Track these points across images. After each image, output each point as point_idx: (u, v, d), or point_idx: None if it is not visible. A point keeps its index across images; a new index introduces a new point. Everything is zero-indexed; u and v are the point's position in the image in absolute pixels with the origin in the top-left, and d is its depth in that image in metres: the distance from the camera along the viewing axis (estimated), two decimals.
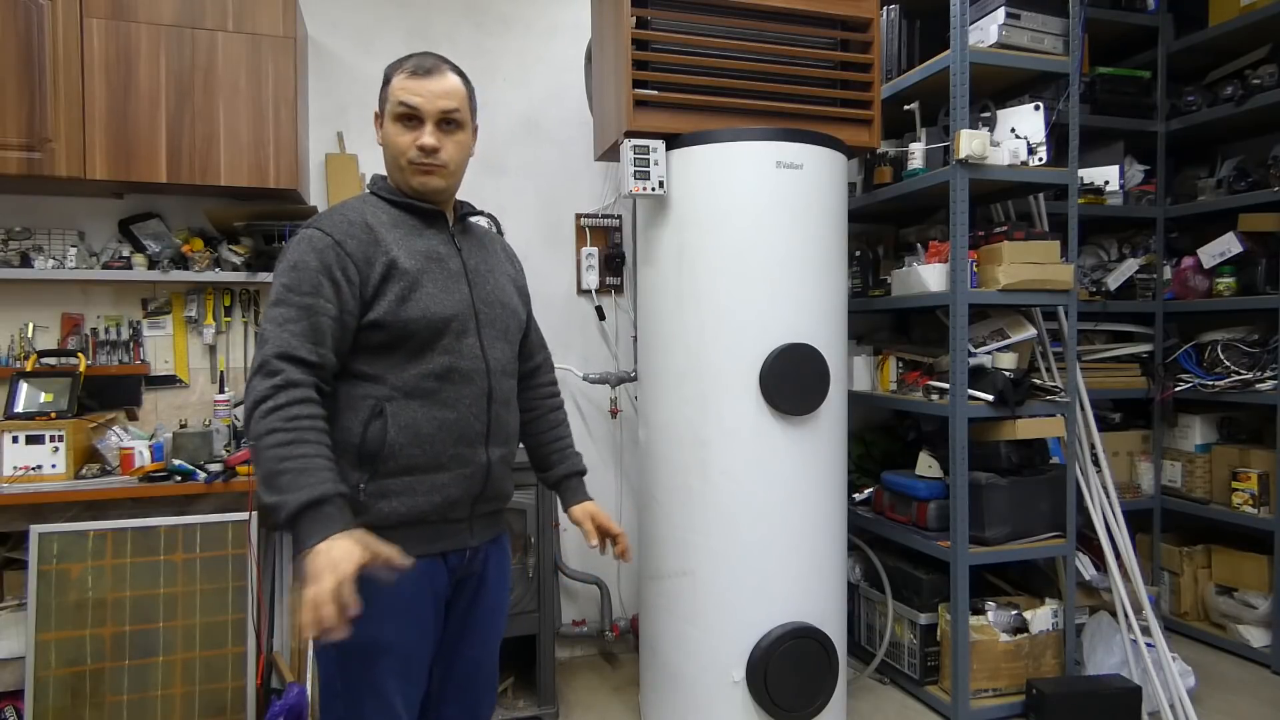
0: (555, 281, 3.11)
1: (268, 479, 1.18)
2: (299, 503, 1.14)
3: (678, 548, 2.29)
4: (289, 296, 1.27)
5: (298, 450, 1.18)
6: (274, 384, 1.21)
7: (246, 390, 1.25)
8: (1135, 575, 2.68)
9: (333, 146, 2.86)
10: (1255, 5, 2.94)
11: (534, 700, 2.61)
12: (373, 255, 1.32)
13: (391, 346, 1.34)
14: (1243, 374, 3.04)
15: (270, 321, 1.27)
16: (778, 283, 2.21)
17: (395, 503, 1.33)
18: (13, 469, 2.23)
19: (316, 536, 1.14)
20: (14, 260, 2.45)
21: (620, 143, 2.26)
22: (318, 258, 1.29)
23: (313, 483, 1.16)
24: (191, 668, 2.23)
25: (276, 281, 1.30)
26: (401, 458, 1.32)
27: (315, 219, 1.35)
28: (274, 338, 1.25)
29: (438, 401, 1.35)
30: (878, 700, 2.75)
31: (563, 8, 3.10)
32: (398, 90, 1.38)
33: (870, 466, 3.18)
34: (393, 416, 1.32)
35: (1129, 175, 3.32)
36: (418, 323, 1.33)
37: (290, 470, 1.17)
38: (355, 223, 1.34)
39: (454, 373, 1.37)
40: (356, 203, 1.40)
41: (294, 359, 1.24)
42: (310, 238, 1.31)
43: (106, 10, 2.28)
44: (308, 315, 1.27)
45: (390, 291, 1.32)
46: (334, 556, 1.11)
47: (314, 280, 1.28)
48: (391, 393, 1.33)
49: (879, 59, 2.44)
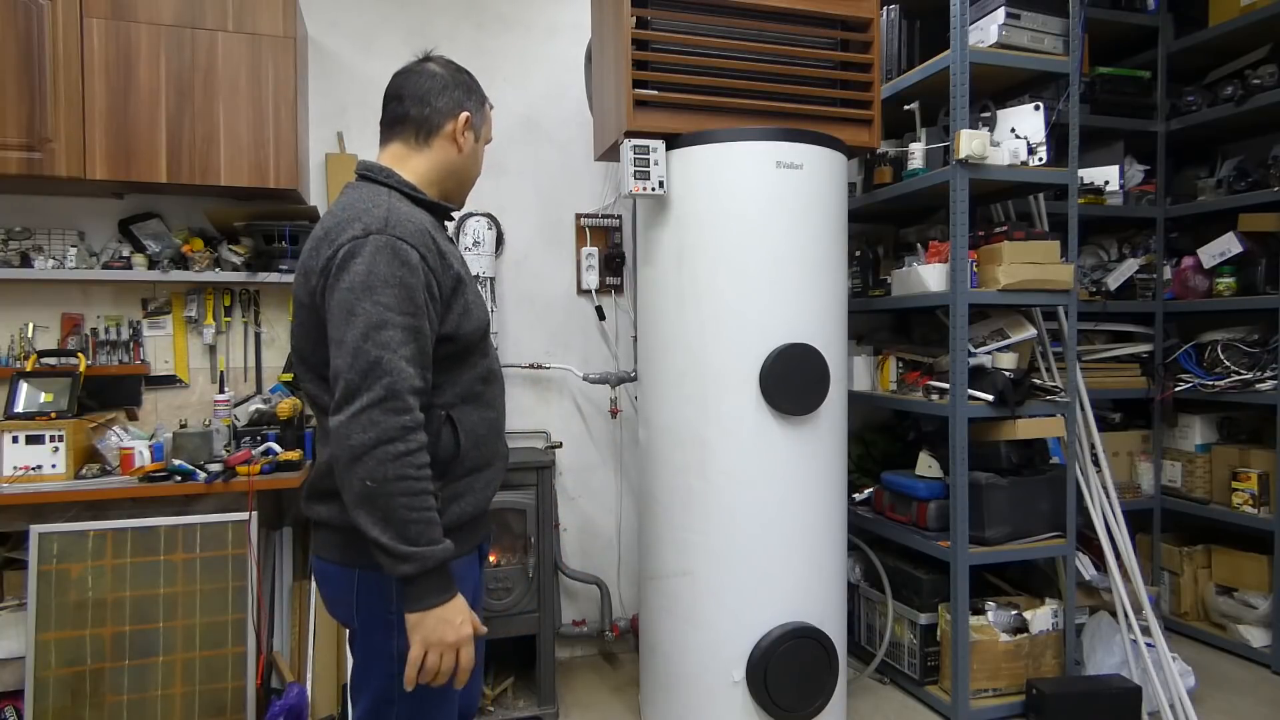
0: (555, 281, 3.11)
1: (394, 526, 1.16)
2: (437, 559, 1.19)
3: (678, 548, 2.30)
4: (394, 317, 1.19)
5: (427, 501, 1.19)
6: (403, 424, 1.17)
7: (356, 419, 1.16)
8: (1135, 575, 2.68)
9: (333, 146, 2.86)
10: (1255, 5, 2.94)
11: (534, 700, 2.61)
12: (444, 269, 1.30)
13: (453, 356, 1.33)
14: (1243, 374, 3.04)
15: (379, 346, 1.18)
16: (777, 283, 2.21)
17: (464, 504, 1.35)
18: (13, 469, 2.23)
19: (439, 597, 1.20)
20: (14, 260, 2.45)
21: (620, 143, 2.26)
22: (413, 274, 1.22)
23: (438, 538, 1.20)
24: (191, 668, 2.23)
25: (369, 297, 1.19)
26: (468, 461, 1.35)
27: (389, 226, 1.24)
28: (393, 367, 1.18)
29: (483, 403, 1.39)
30: (878, 700, 2.75)
31: (563, 8, 3.10)
32: (489, 121, 1.49)
33: (870, 466, 3.18)
34: (459, 423, 1.33)
35: (1129, 175, 3.32)
36: (475, 332, 1.35)
37: (419, 522, 1.18)
38: (425, 232, 1.28)
39: (491, 374, 1.42)
40: (405, 207, 1.32)
41: (416, 390, 1.21)
42: (397, 249, 1.22)
43: (106, 10, 2.28)
44: (415, 338, 1.22)
45: (457, 305, 1.32)
46: (457, 621, 1.21)
47: (418, 299, 1.22)
48: (452, 400, 1.34)
49: (879, 59, 2.44)
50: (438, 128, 1.39)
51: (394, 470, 1.16)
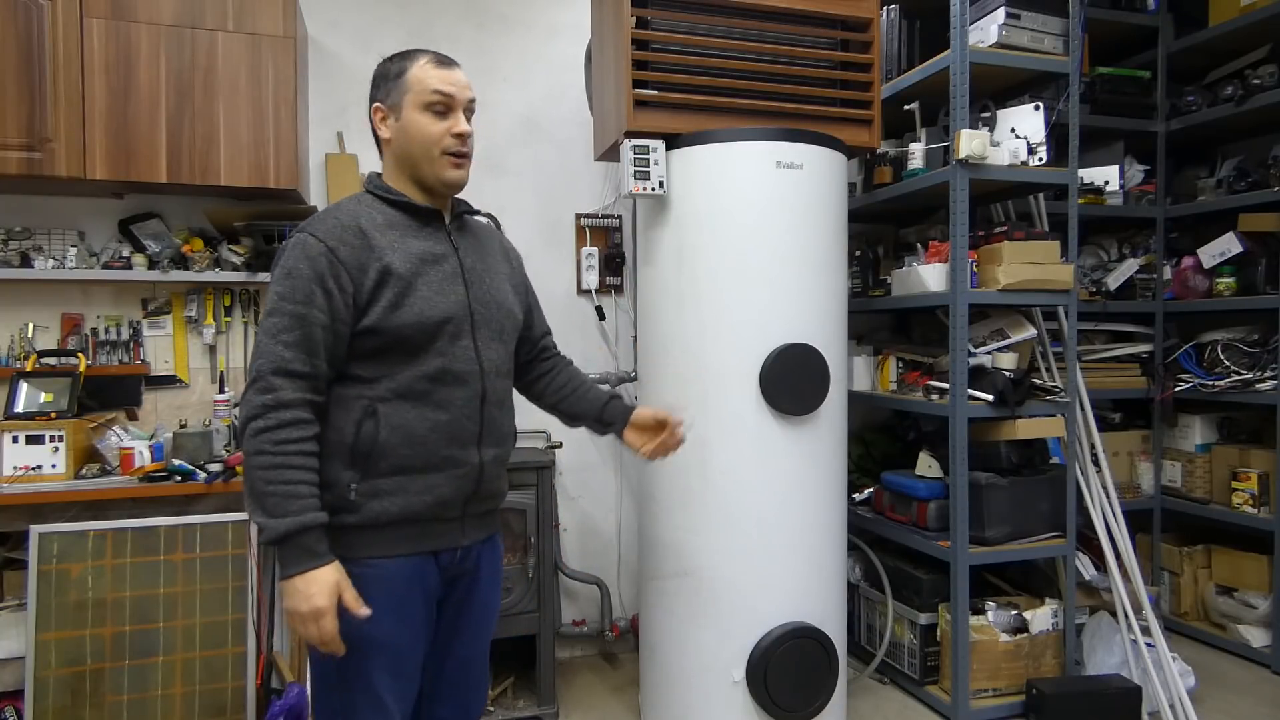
0: (555, 281, 3.11)
1: (254, 498, 1.25)
2: (282, 530, 1.22)
3: (678, 548, 2.30)
4: (282, 305, 1.28)
5: (284, 475, 1.24)
6: (264, 402, 1.25)
7: (241, 402, 1.29)
8: (1135, 575, 2.68)
9: (333, 146, 2.86)
10: (1255, 5, 2.94)
11: (534, 700, 2.61)
12: (366, 261, 1.32)
13: (385, 350, 1.34)
14: (1243, 374, 3.04)
15: (264, 332, 1.28)
16: (778, 283, 2.21)
17: (387, 502, 1.33)
18: (13, 469, 2.23)
19: (295, 568, 1.24)
20: (14, 260, 2.45)
21: (620, 143, 2.26)
22: (310, 265, 1.29)
23: (295, 510, 1.23)
24: (191, 668, 2.23)
25: (271, 288, 1.31)
26: (393, 458, 1.33)
27: (308, 222, 1.34)
28: (267, 350, 1.27)
29: (430, 403, 1.36)
30: (878, 700, 2.75)
31: (563, 8, 3.10)
32: (429, 79, 1.38)
33: (870, 466, 3.18)
34: (385, 417, 1.32)
35: (1129, 175, 3.32)
36: (411, 327, 1.33)
37: (275, 494, 1.23)
38: (349, 227, 1.33)
39: (447, 374, 1.37)
40: (351, 204, 1.39)
41: (287, 372, 1.26)
42: (303, 244, 1.30)
43: (106, 10, 2.28)
44: (301, 325, 1.27)
45: (383, 298, 1.32)
46: (309, 592, 1.23)
47: (307, 289, 1.28)
48: (384, 394, 1.33)
49: (879, 59, 2.44)
50: (374, 131, 1.45)
51: (253, 445, 1.24)
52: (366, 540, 1.32)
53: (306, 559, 1.24)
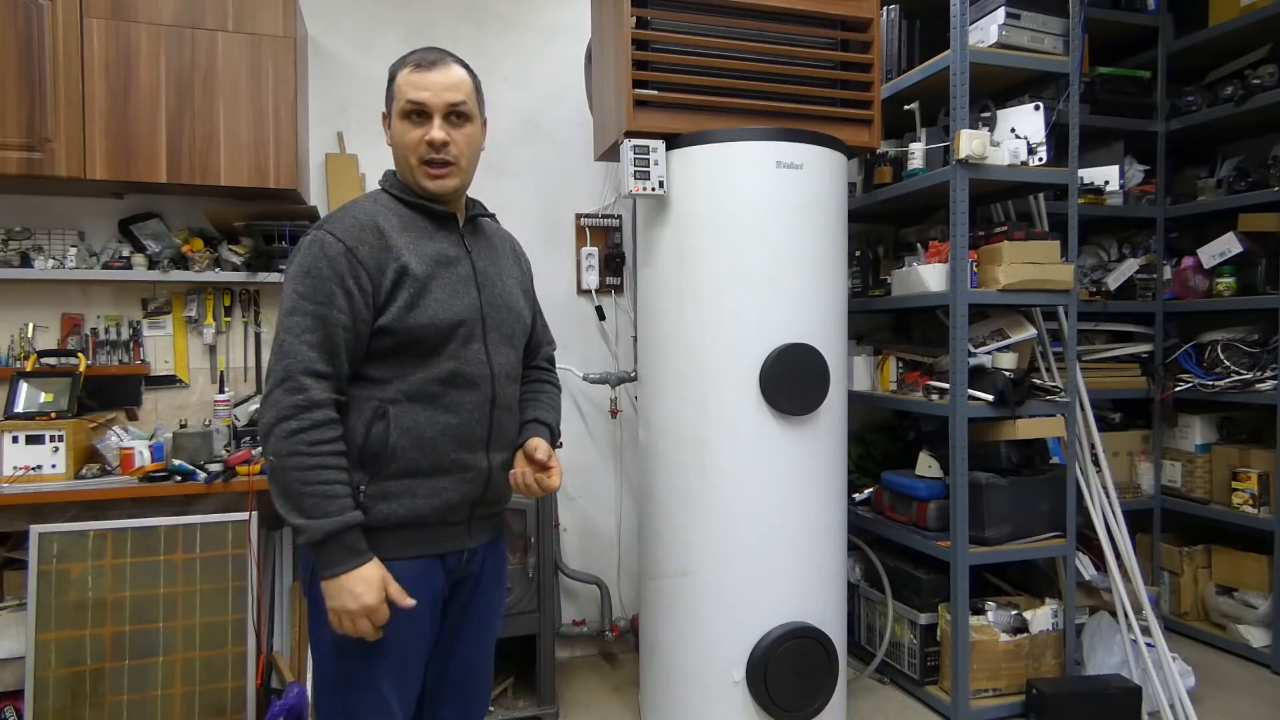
0: (555, 281, 3.11)
1: (290, 499, 1.24)
2: (325, 531, 1.23)
3: (678, 548, 2.29)
4: (303, 304, 1.27)
5: (321, 475, 1.24)
6: (296, 402, 1.25)
7: (265, 401, 1.27)
8: (1135, 575, 2.68)
9: (333, 146, 2.86)
10: (1255, 5, 2.94)
11: (534, 700, 2.61)
12: (384, 261, 1.32)
13: (398, 351, 1.34)
14: (1243, 374, 3.04)
15: (287, 331, 1.27)
16: (778, 283, 2.21)
17: (395, 505, 1.33)
18: (13, 469, 2.23)
19: (340, 567, 1.25)
20: (14, 260, 2.45)
21: (620, 143, 2.26)
22: (330, 265, 1.28)
23: (335, 510, 1.24)
24: (191, 668, 2.23)
25: (289, 286, 1.29)
26: (403, 460, 1.33)
27: (327, 220, 1.33)
28: (293, 350, 1.26)
29: (441, 406, 1.36)
30: (878, 700, 2.75)
31: (563, 8, 3.10)
32: (403, 86, 1.36)
33: (870, 466, 3.18)
34: (395, 419, 1.32)
35: (1129, 175, 3.32)
36: (425, 328, 1.33)
37: (314, 495, 1.23)
38: (366, 226, 1.33)
39: (458, 377, 1.37)
40: (368, 203, 1.38)
41: (314, 373, 1.26)
42: (323, 242, 1.30)
43: (106, 10, 2.28)
44: (323, 325, 1.27)
45: (399, 298, 1.32)
46: (357, 591, 1.25)
47: (327, 289, 1.27)
48: (396, 395, 1.33)
49: (879, 59, 2.44)
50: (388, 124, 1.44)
51: (287, 446, 1.24)
52: (374, 542, 1.32)
53: (350, 558, 1.26)
